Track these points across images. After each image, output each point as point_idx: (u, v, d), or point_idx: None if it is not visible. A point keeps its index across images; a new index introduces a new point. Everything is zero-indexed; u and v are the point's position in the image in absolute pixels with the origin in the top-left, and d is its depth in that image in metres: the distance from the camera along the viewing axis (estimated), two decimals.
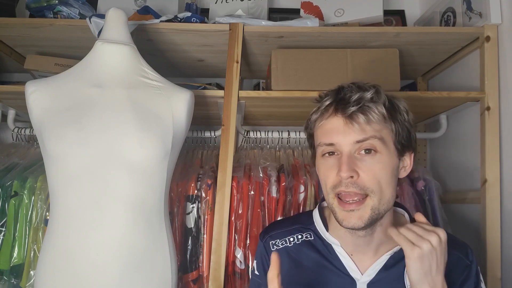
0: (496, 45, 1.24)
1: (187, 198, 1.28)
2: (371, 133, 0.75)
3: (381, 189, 0.75)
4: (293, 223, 0.93)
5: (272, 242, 0.91)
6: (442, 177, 1.54)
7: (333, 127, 0.77)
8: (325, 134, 0.79)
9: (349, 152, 0.75)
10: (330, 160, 0.78)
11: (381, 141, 0.75)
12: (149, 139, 0.97)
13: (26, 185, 1.26)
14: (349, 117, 0.75)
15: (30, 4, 1.43)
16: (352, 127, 0.75)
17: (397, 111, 0.79)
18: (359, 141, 0.75)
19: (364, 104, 0.75)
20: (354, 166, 0.74)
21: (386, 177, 0.76)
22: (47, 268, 0.94)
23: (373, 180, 0.74)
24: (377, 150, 0.75)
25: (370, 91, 0.76)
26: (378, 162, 0.75)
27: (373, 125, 0.75)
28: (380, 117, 0.76)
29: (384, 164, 0.75)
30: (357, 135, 0.75)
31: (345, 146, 0.75)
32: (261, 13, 1.57)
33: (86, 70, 1.03)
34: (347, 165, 0.74)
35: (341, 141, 0.76)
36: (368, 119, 0.75)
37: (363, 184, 0.74)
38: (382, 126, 0.76)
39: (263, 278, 0.93)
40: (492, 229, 1.16)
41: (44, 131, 0.95)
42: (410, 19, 1.72)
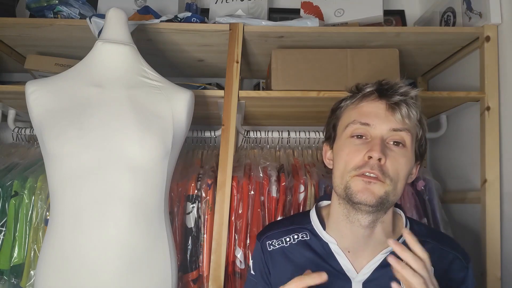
0: (496, 45, 1.24)
1: (187, 198, 1.28)
2: (408, 126, 0.79)
3: (398, 180, 0.77)
4: (290, 223, 0.93)
5: (269, 242, 0.91)
6: (442, 177, 1.54)
7: (373, 110, 0.80)
8: (363, 114, 0.81)
9: (381, 137, 0.78)
10: (358, 142, 0.80)
11: (411, 138, 0.79)
12: (149, 139, 0.97)
13: (26, 185, 1.26)
14: (393, 104, 0.79)
15: (30, 4, 1.43)
16: (394, 114, 0.78)
17: (424, 123, 0.84)
18: (395, 130, 0.78)
19: (408, 99, 0.80)
20: (384, 151, 0.76)
21: (405, 172, 0.78)
22: (47, 267, 0.94)
23: (395, 169, 0.76)
24: (406, 144, 0.79)
25: (415, 91, 0.81)
26: (404, 155, 0.78)
27: (411, 121, 0.79)
28: (416, 117, 0.81)
29: (407, 159, 0.78)
30: (396, 124, 0.78)
31: (381, 130, 0.78)
32: (261, 13, 1.57)
33: (86, 70, 1.03)
34: (381, 147, 0.76)
35: (378, 124, 0.78)
36: (409, 114, 0.79)
37: (386, 170, 0.76)
38: (415, 125, 0.81)
39: (258, 278, 0.93)
40: (492, 229, 1.16)
41: (44, 131, 0.95)
42: (410, 19, 1.72)
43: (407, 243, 0.69)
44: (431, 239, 0.84)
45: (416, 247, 0.67)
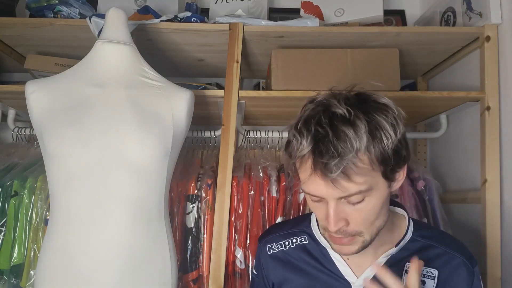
0: (496, 45, 1.23)
1: (187, 198, 1.28)
2: (356, 189, 0.68)
3: (372, 224, 0.73)
4: (291, 226, 0.93)
5: (269, 246, 0.91)
6: (442, 177, 1.54)
7: (315, 185, 0.70)
8: (308, 187, 0.72)
9: (335, 204, 0.70)
10: (318, 204, 0.74)
11: (367, 191, 0.69)
12: (149, 139, 0.97)
13: (26, 185, 1.26)
14: (330, 180, 0.67)
15: (30, 4, 1.43)
16: (334, 187, 0.68)
17: (383, 136, 0.69)
18: (344, 197, 0.69)
19: (345, 165, 0.66)
20: (343, 215, 0.71)
21: (377, 213, 0.72)
22: (47, 268, 0.94)
23: (364, 221, 0.72)
24: (364, 199, 0.70)
25: (352, 151, 0.66)
26: (367, 205, 0.71)
27: (356, 179, 0.67)
28: (365, 166, 0.68)
29: (373, 205, 0.71)
30: (342, 193, 0.69)
31: (330, 200, 0.70)
32: (261, 13, 1.57)
33: (86, 69, 1.03)
34: (335, 219, 0.70)
35: (325, 196, 0.70)
36: (351, 179, 0.67)
37: (353, 230, 0.72)
38: (367, 173, 0.69)
39: (259, 277, 0.94)
40: (492, 229, 1.16)
41: (44, 131, 0.95)
42: (410, 19, 1.72)
43: (380, 276, 0.68)
44: (437, 242, 0.82)
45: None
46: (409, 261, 0.77)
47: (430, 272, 0.80)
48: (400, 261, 0.80)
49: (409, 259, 0.78)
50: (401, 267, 0.80)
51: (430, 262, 0.80)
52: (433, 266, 0.80)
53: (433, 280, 0.79)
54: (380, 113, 0.70)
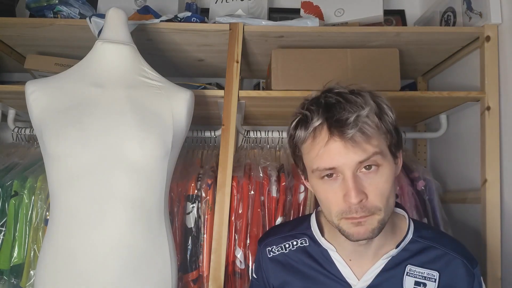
0: (496, 45, 1.23)
1: (187, 198, 1.28)
2: (373, 150, 0.70)
3: (388, 201, 0.73)
4: (291, 228, 0.92)
5: (269, 249, 0.91)
6: (442, 177, 1.54)
7: (332, 152, 0.71)
8: (323, 159, 0.72)
9: (352, 173, 0.70)
10: (331, 183, 0.73)
11: (381, 154, 0.72)
12: (149, 139, 0.97)
13: (26, 185, 1.26)
14: (349, 139, 0.70)
15: (30, 4, 1.43)
16: (353, 149, 0.70)
17: (384, 113, 0.75)
18: (362, 161, 0.70)
19: (362, 123, 0.70)
20: (362, 188, 0.70)
21: (390, 189, 0.73)
22: (47, 268, 0.93)
23: (381, 197, 0.71)
24: (379, 164, 0.72)
25: (366, 109, 0.71)
26: (382, 176, 0.72)
27: (372, 141, 0.71)
28: (375, 129, 0.72)
29: (387, 176, 0.73)
30: (360, 156, 0.70)
31: (349, 168, 0.70)
32: (261, 13, 1.57)
33: (86, 69, 1.03)
34: (356, 190, 0.69)
35: (344, 164, 0.70)
36: (367, 137, 0.70)
37: (372, 205, 0.71)
38: (378, 138, 0.72)
39: (260, 281, 0.93)
40: (492, 229, 1.16)
41: (44, 131, 0.95)
42: (410, 19, 1.72)
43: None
44: (438, 243, 0.82)
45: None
46: (411, 262, 0.78)
47: (431, 274, 0.79)
48: (402, 263, 0.80)
49: (410, 261, 0.79)
50: (402, 269, 0.80)
51: (431, 263, 0.80)
52: (434, 268, 0.79)
53: (434, 282, 0.78)
54: (376, 98, 0.76)
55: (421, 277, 0.79)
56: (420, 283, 0.79)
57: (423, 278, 0.79)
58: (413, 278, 0.79)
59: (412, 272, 0.79)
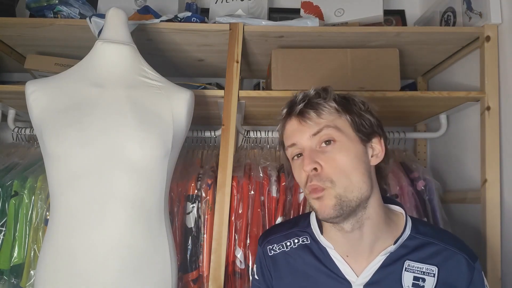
0: (496, 45, 1.23)
1: (187, 198, 1.28)
2: (324, 124, 0.79)
3: (346, 175, 0.76)
4: (291, 226, 0.93)
5: (270, 247, 0.91)
6: (442, 177, 1.54)
7: (291, 129, 0.83)
8: (287, 137, 0.84)
9: (309, 147, 0.79)
10: (298, 161, 0.82)
11: (336, 130, 0.78)
12: (149, 139, 0.97)
13: (26, 185, 1.26)
14: (299, 115, 0.81)
15: (30, 4, 1.43)
16: (305, 123, 0.80)
17: (351, 103, 0.83)
18: (315, 134, 0.79)
19: (311, 101, 0.81)
20: (316, 158, 0.77)
21: (350, 164, 0.77)
22: (47, 268, 0.93)
23: (336, 169, 0.76)
24: (335, 139, 0.78)
25: (319, 95, 0.82)
26: (339, 150, 0.77)
27: (324, 117, 0.79)
28: (331, 109, 0.80)
29: (346, 151, 0.78)
30: (311, 129, 0.79)
31: (304, 142, 0.80)
32: (261, 13, 1.57)
33: (86, 69, 1.03)
34: (309, 159, 0.77)
35: (300, 138, 0.80)
36: (319, 113, 0.79)
37: (325, 175, 0.76)
38: (335, 117, 0.80)
39: (261, 283, 0.93)
40: (492, 229, 1.16)
41: (44, 131, 0.95)
42: (410, 19, 1.72)
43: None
44: (436, 239, 0.82)
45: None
46: (409, 258, 0.79)
47: (430, 269, 0.79)
48: (400, 259, 0.80)
49: (408, 257, 0.80)
50: (401, 265, 0.80)
51: (429, 259, 0.80)
52: (433, 263, 0.80)
53: (433, 277, 0.79)
54: (348, 95, 0.85)
55: (420, 272, 0.79)
56: (419, 278, 0.79)
57: (422, 273, 0.79)
58: (412, 274, 0.79)
59: (410, 267, 0.80)
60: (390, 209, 0.87)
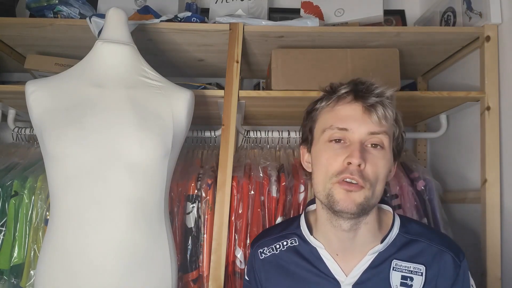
0: (496, 45, 1.23)
1: (187, 198, 1.28)
2: (385, 128, 0.77)
3: (377, 182, 0.77)
4: (281, 229, 0.93)
5: (260, 251, 0.92)
6: (442, 177, 1.54)
7: (350, 113, 0.78)
8: (340, 118, 0.78)
9: (360, 141, 0.76)
10: (337, 146, 0.78)
11: (389, 139, 0.78)
12: (149, 139, 0.97)
13: (26, 185, 1.26)
14: (370, 106, 0.77)
15: (30, 4, 1.43)
16: (370, 117, 0.76)
17: (400, 120, 0.83)
18: (373, 133, 0.77)
19: (384, 100, 0.78)
20: (364, 156, 0.75)
21: (384, 173, 0.78)
22: (47, 267, 0.94)
23: (375, 173, 0.76)
24: (384, 146, 0.78)
25: (390, 90, 0.80)
26: (383, 157, 0.77)
27: (387, 121, 0.78)
28: (392, 117, 0.79)
29: (386, 161, 0.78)
30: (374, 126, 0.77)
31: (359, 134, 0.77)
32: (261, 13, 1.57)
33: (86, 69, 1.03)
34: (360, 152, 0.74)
35: (356, 128, 0.77)
36: (385, 115, 0.77)
37: (366, 174, 0.75)
38: (392, 125, 0.80)
39: (252, 283, 0.94)
40: (492, 229, 1.16)
41: (44, 130, 0.95)
42: (410, 19, 1.72)
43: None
44: (423, 237, 0.83)
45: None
46: (397, 257, 0.80)
47: (417, 268, 0.80)
48: (388, 258, 0.81)
49: (395, 255, 0.80)
50: (389, 264, 0.80)
51: (417, 257, 0.80)
52: (420, 262, 0.80)
53: (421, 276, 0.79)
54: (400, 116, 0.85)
55: (407, 271, 0.79)
56: (407, 277, 0.79)
57: (409, 272, 0.79)
58: (399, 273, 0.79)
59: (398, 266, 0.80)
60: (380, 208, 0.87)
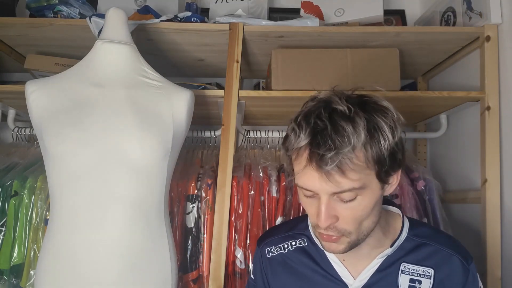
0: (496, 45, 1.23)
1: (187, 198, 1.28)
2: (349, 186, 0.68)
3: (360, 224, 0.72)
4: (289, 229, 0.92)
5: (268, 249, 0.91)
6: (442, 177, 1.54)
7: (309, 178, 0.70)
8: (302, 180, 0.72)
9: (327, 199, 0.70)
10: (310, 200, 0.74)
11: (360, 189, 0.69)
12: (149, 139, 0.97)
13: (26, 185, 1.26)
14: (324, 173, 0.68)
15: (30, 4, 1.43)
16: (328, 181, 0.68)
17: (380, 137, 0.69)
18: (337, 193, 0.69)
19: (341, 159, 0.66)
20: (334, 212, 0.70)
21: (367, 214, 0.72)
22: (47, 267, 0.94)
23: (352, 220, 0.71)
24: (357, 197, 0.70)
25: (351, 144, 0.66)
26: (359, 205, 0.70)
27: (350, 176, 0.67)
28: (358, 164, 0.68)
29: (365, 205, 0.71)
30: (334, 188, 0.68)
31: (323, 195, 0.70)
32: (261, 12, 1.57)
33: (86, 69, 1.03)
34: (326, 215, 0.70)
35: (318, 190, 0.70)
36: (344, 173, 0.67)
37: (341, 227, 0.71)
38: (360, 171, 0.68)
39: (258, 282, 0.93)
40: (492, 229, 1.16)
41: (44, 130, 0.95)
42: (410, 19, 1.72)
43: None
44: (432, 241, 0.82)
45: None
46: (405, 260, 0.78)
47: (426, 271, 0.79)
48: (396, 261, 0.80)
49: (404, 259, 0.80)
50: (397, 267, 0.80)
51: (425, 261, 0.80)
52: (429, 265, 0.80)
53: (429, 279, 0.79)
54: (380, 114, 0.71)
55: (416, 274, 0.79)
56: (415, 281, 0.79)
57: (418, 276, 0.79)
58: (408, 276, 0.79)
59: (407, 270, 0.80)
60: (387, 211, 0.85)
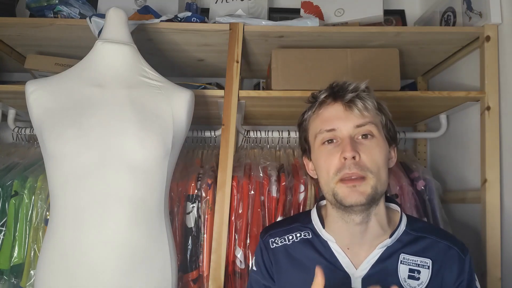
0: (496, 45, 1.24)
1: (187, 198, 1.28)
2: (369, 119, 0.81)
3: (379, 170, 0.80)
4: (292, 222, 0.95)
5: (272, 240, 0.93)
6: (442, 177, 1.54)
7: (333, 114, 0.83)
8: (325, 121, 0.83)
9: (349, 136, 0.80)
10: (330, 147, 0.82)
11: (376, 127, 0.82)
12: (149, 139, 0.97)
13: (26, 185, 1.26)
14: (348, 102, 0.81)
15: (30, 4, 1.43)
16: (352, 112, 0.81)
17: (384, 108, 0.87)
18: (359, 126, 0.81)
19: (361, 93, 0.83)
20: (356, 148, 0.79)
21: (382, 160, 0.81)
22: (47, 267, 0.94)
23: (372, 161, 0.79)
24: (374, 135, 0.81)
25: (363, 83, 0.84)
26: (376, 145, 0.81)
27: (370, 112, 0.82)
28: (374, 106, 0.84)
29: (380, 148, 0.81)
30: (357, 120, 0.81)
31: (346, 130, 0.81)
32: (261, 12, 1.57)
33: (86, 69, 1.03)
34: (351, 146, 0.78)
35: (342, 126, 0.81)
36: (365, 106, 0.81)
37: (364, 164, 0.78)
38: (375, 114, 0.84)
39: (262, 272, 0.94)
40: (492, 229, 1.16)
41: (44, 130, 0.95)
42: (410, 19, 1.72)
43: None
44: (429, 234, 0.86)
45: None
46: (404, 251, 0.83)
47: (424, 262, 0.83)
48: (396, 252, 0.84)
49: (403, 250, 0.84)
50: (396, 258, 0.83)
51: (423, 252, 0.84)
52: (427, 256, 0.84)
53: (428, 269, 0.82)
54: (384, 104, 0.88)
55: (414, 264, 0.83)
56: (414, 270, 0.83)
57: (416, 266, 0.83)
58: (407, 266, 0.83)
59: (406, 260, 0.83)
60: (388, 207, 0.90)
